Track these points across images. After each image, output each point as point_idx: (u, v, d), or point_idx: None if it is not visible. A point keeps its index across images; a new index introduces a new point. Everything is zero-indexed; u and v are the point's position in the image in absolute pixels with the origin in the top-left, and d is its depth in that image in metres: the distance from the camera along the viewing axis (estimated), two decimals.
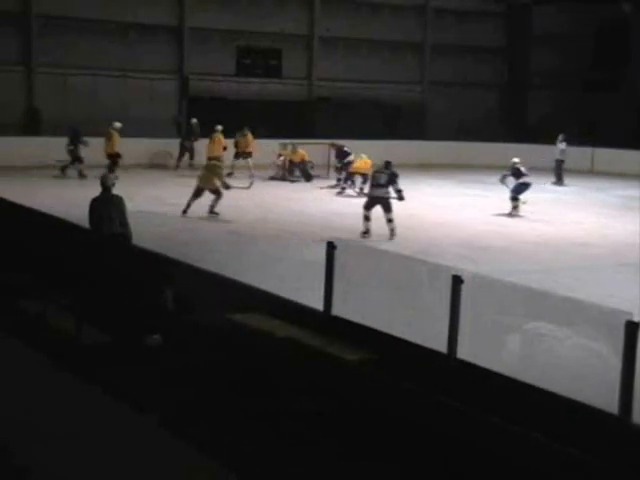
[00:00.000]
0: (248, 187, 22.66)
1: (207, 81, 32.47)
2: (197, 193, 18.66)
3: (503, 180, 20.95)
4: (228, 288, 8.56)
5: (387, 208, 16.70)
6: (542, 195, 25.05)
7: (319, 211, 20.31)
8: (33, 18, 29.51)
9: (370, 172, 21.35)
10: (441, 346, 6.62)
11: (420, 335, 6.79)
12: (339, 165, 25.25)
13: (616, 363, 5.59)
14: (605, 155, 32.57)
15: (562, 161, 28.33)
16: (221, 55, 32.79)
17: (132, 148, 25.76)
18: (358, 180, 23.36)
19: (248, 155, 26.17)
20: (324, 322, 7.48)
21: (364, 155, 23.93)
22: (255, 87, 33.24)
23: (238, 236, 16.59)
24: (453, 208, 21.43)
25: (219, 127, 25.96)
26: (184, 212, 18.42)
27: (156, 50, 31.61)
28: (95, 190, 11.61)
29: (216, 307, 8.14)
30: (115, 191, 11.51)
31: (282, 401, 6.94)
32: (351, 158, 24.82)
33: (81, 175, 24.11)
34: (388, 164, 17.27)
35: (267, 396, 7.02)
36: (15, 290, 10.70)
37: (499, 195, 21.43)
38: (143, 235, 12.37)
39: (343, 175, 24.74)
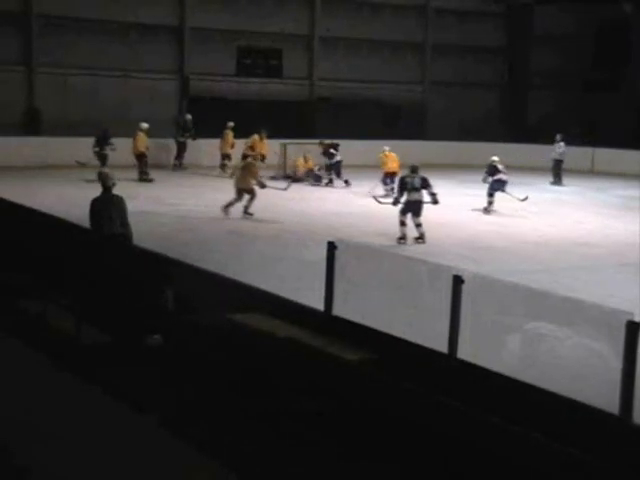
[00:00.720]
0: (285, 188, 21.85)
1: (207, 81, 32.47)
2: (239, 195, 18.76)
3: (485, 179, 21.17)
4: (228, 288, 8.55)
5: (419, 212, 16.53)
6: (543, 195, 25.07)
7: (320, 211, 20.31)
8: (34, 18, 29.51)
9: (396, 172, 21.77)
10: (441, 346, 6.62)
11: (420, 335, 6.78)
12: (327, 164, 25.47)
13: (617, 363, 5.59)
14: (605, 155, 32.56)
15: (561, 161, 28.30)
16: (221, 55, 32.80)
17: (131, 148, 25.73)
18: (373, 179, 23.37)
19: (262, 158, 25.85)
20: (324, 322, 7.48)
21: (387, 148, 24.17)
22: (255, 87, 33.25)
23: (238, 236, 16.59)
24: (454, 208, 21.40)
25: (230, 124, 25.88)
26: (225, 211, 18.56)
27: (157, 50, 31.62)
28: (95, 191, 11.60)
29: (216, 307, 8.13)
30: (115, 191, 11.49)
31: (282, 401, 6.94)
32: (338, 158, 25.07)
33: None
34: (416, 168, 17.01)
35: (267, 396, 7.02)
36: (15, 290, 10.70)
37: (500, 195, 21.42)
38: (143, 235, 12.36)
39: (332, 174, 24.99)
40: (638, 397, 5.70)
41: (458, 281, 6.56)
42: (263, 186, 18.94)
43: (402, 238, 16.36)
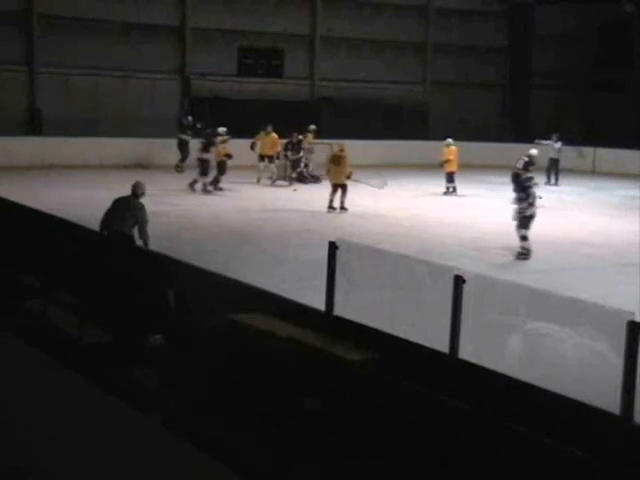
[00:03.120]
0: (380, 188, 21.86)
1: (209, 81, 32.48)
2: (335, 190, 19.77)
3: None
4: (229, 288, 8.55)
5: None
6: (545, 195, 25.04)
7: (321, 211, 20.30)
8: (35, 18, 29.53)
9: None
10: (443, 346, 6.62)
11: (422, 335, 6.78)
12: (293, 159, 25.45)
13: (618, 363, 5.59)
14: (607, 155, 32.56)
15: (557, 160, 28.25)
16: (223, 55, 32.81)
17: (133, 148, 25.77)
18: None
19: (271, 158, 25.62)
20: (326, 322, 7.48)
21: (450, 140, 24.50)
22: (257, 87, 33.25)
23: (239, 236, 16.59)
24: (455, 208, 21.41)
25: (269, 126, 25.95)
26: (330, 208, 19.58)
27: (158, 50, 31.62)
28: (95, 191, 11.61)
29: (218, 307, 8.13)
30: (118, 191, 11.56)
31: (284, 401, 6.94)
32: (301, 154, 25.33)
33: (214, 187, 22.93)
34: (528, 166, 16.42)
35: (269, 396, 7.02)
36: (18, 290, 10.72)
37: (501, 195, 21.41)
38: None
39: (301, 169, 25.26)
40: (639, 397, 5.70)
41: (459, 281, 6.57)
42: (349, 176, 19.75)
43: (524, 253, 15.28)
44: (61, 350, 9.00)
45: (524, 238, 15.30)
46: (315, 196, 23.07)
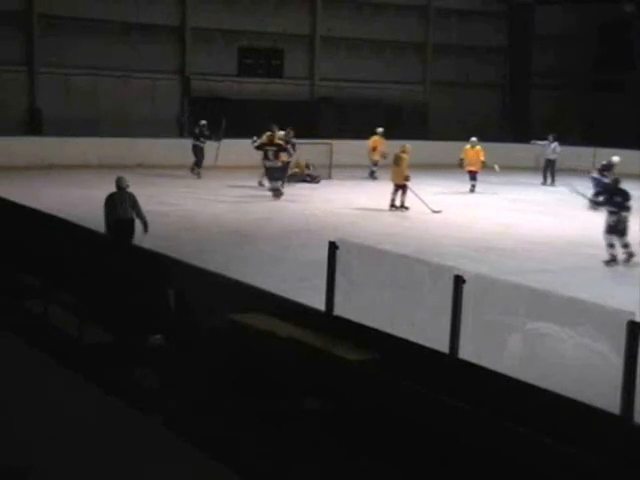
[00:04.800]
0: (435, 212, 20.81)
1: (209, 81, 32.47)
2: (396, 190, 20.37)
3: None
4: (230, 288, 8.55)
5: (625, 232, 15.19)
6: (544, 195, 25.09)
7: (320, 211, 20.31)
8: (35, 18, 29.53)
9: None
10: (443, 346, 6.62)
11: (422, 335, 6.78)
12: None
13: (618, 363, 5.59)
14: (607, 155, 32.49)
15: (554, 161, 28.18)
16: (223, 55, 32.80)
17: (133, 148, 25.76)
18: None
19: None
20: (326, 322, 7.48)
21: (474, 139, 24.80)
22: (257, 87, 33.24)
23: (240, 236, 16.59)
24: (456, 208, 21.41)
25: (380, 129, 26.49)
26: (392, 207, 20.10)
27: (158, 50, 31.61)
28: (95, 191, 11.65)
29: (218, 307, 8.13)
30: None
31: (284, 401, 6.94)
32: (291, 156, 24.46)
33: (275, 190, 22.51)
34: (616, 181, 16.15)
35: (269, 396, 7.02)
36: (18, 290, 10.72)
37: (502, 195, 21.42)
38: (144, 235, 12.56)
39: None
40: (639, 397, 5.70)
41: (459, 281, 6.57)
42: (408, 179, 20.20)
43: (613, 260, 15.00)
44: (61, 350, 9.00)
45: (626, 246, 15.09)
46: (315, 196, 23.10)
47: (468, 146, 25.10)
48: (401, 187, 20.24)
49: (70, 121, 28.75)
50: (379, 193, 22.10)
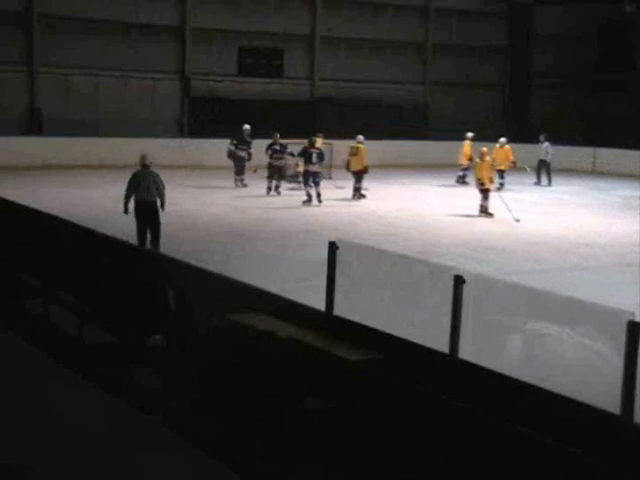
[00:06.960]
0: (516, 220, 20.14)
1: (209, 81, 32.48)
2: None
3: None
4: (230, 288, 8.55)
5: None
6: (544, 195, 25.10)
7: (320, 211, 20.31)
8: (35, 18, 29.55)
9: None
10: (443, 346, 6.62)
11: (422, 335, 6.78)
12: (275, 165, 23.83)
13: (618, 363, 5.59)
14: (607, 155, 32.55)
15: (545, 161, 28.07)
16: (223, 55, 32.82)
17: (133, 148, 25.70)
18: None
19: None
20: (326, 322, 7.48)
21: (504, 139, 25.31)
22: (257, 87, 33.26)
23: (239, 236, 16.59)
24: (456, 208, 21.41)
25: (470, 134, 26.55)
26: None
27: (158, 50, 31.65)
28: (95, 191, 11.63)
29: (218, 307, 8.13)
30: (118, 191, 11.68)
31: (284, 401, 6.94)
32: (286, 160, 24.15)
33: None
34: None
35: (269, 396, 7.02)
36: (18, 290, 10.71)
37: (502, 195, 21.41)
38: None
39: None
40: (639, 397, 5.70)
41: (460, 281, 6.57)
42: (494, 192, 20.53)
43: None
44: (61, 350, 9.00)
45: None
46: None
47: (497, 145, 25.32)
48: (484, 191, 20.08)
49: (70, 121, 28.79)
50: (379, 193, 22.11)
